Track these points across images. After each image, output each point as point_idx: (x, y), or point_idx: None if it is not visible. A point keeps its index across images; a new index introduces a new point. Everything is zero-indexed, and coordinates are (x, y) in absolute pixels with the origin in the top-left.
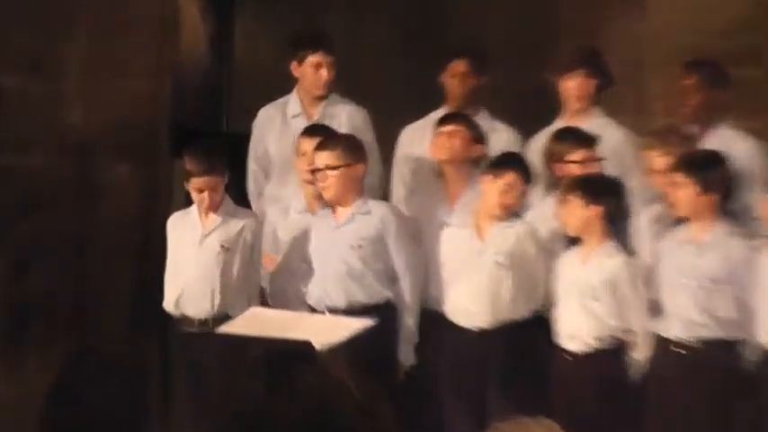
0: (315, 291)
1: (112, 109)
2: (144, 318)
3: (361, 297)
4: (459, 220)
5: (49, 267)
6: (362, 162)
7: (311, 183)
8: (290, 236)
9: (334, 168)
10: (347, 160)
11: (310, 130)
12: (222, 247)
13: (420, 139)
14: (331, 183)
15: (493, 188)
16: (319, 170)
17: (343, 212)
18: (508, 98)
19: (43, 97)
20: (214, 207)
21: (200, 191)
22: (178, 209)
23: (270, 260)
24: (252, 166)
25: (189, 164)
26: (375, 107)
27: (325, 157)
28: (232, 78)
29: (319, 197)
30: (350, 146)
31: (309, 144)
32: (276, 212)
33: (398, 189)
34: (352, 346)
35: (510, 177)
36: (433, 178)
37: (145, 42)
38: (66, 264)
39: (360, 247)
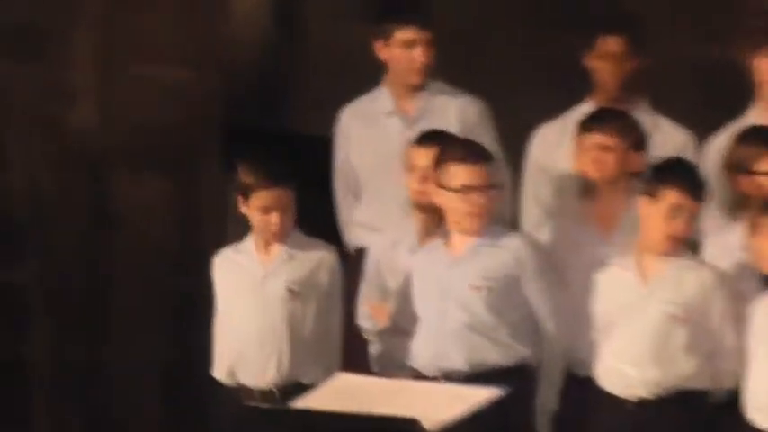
0: (423, 349)
1: (137, 107)
2: (180, 393)
3: (489, 357)
4: (618, 256)
5: (46, 327)
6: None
7: (424, 208)
8: (402, 283)
9: (488, 188)
10: (493, 178)
11: (427, 138)
12: (290, 291)
13: (558, 144)
14: (484, 207)
15: (653, 213)
16: (473, 188)
17: (462, 243)
18: (675, 85)
19: (41, 91)
20: (284, 234)
21: (267, 211)
22: (230, 242)
23: (379, 311)
24: (337, 184)
25: (249, 174)
26: (491, 100)
27: (478, 173)
28: (303, 64)
29: (437, 228)
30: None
31: (424, 156)
32: (379, 247)
33: (531, 212)
34: (474, 423)
35: (673, 196)
36: (578, 197)
37: (181, 18)
38: (72, 320)
39: (486, 289)
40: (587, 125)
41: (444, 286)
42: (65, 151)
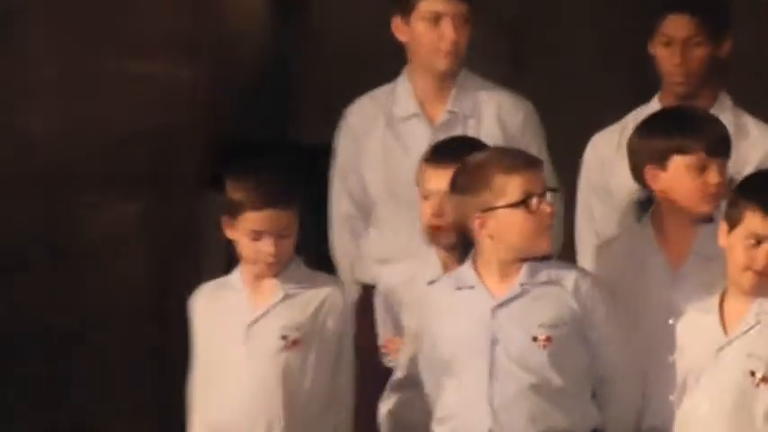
0: (464, 414)
1: (103, 112)
2: None
3: (560, 424)
4: (695, 298)
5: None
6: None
7: (441, 244)
8: (422, 321)
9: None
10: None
11: (445, 152)
12: (285, 338)
13: (616, 155)
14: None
15: (734, 244)
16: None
17: (503, 279)
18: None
19: None
20: (279, 266)
21: (258, 236)
22: (209, 277)
23: (394, 345)
24: (340, 206)
25: (238, 189)
26: (539, 102)
27: (539, 180)
28: (309, 63)
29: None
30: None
31: (437, 179)
32: (392, 279)
33: (585, 235)
34: None
35: (756, 221)
36: (640, 220)
37: (160, 3)
38: (29, 370)
39: (545, 340)
40: (650, 123)
41: (488, 334)
42: (14, 167)
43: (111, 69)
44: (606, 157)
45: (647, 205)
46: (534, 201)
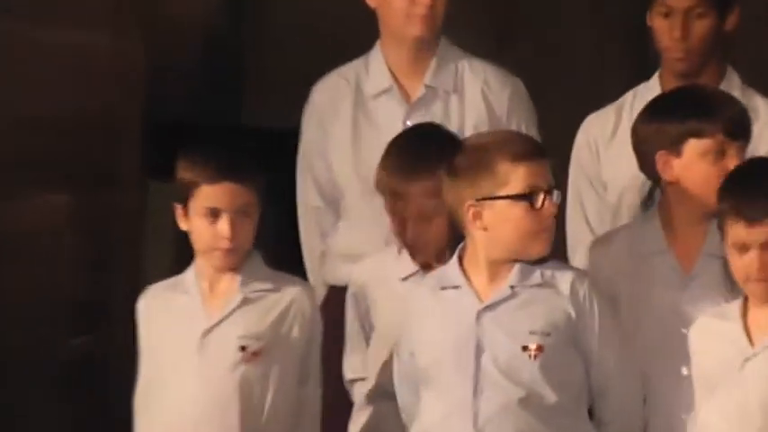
0: (444, 431)
1: (24, 92)
2: None
3: None
4: (708, 301)
5: None
6: None
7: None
8: (395, 323)
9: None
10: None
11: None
12: (244, 350)
13: (612, 138)
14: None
15: (729, 253)
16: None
17: (493, 280)
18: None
19: None
20: (238, 256)
21: (214, 215)
22: (161, 277)
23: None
24: (307, 197)
25: (193, 168)
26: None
27: (546, 174)
28: (262, 39)
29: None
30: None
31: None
32: (362, 274)
33: (577, 231)
34: None
35: (739, 230)
36: (643, 213)
37: None
38: None
39: (536, 350)
40: (654, 108)
41: (473, 342)
42: None
43: (28, 38)
44: (600, 141)
45: (650, 198)
46: (540, 197)
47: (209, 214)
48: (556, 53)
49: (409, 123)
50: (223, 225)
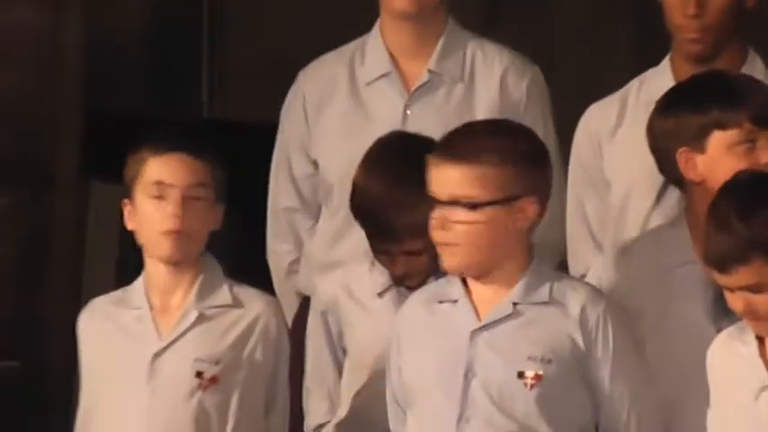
0: None
1: None
2: None
3: None
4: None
5: None
6: (538, 191)
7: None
8: (372, 345)
9: (474, 207)
10: (508, 190)
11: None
12: (200, 375)
13: (616, 132)
14: (465, 238)
15: (727, 284)
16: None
17: (490, 294)
18: None
19: None
20: (189, 245)
21: (162, 193)
22: (105, 291)
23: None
24: (280, 197)
25: (141, 150)
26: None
27: (457, 182)
28: (223, 16)
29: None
30: (520, 154)
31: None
32: (334, 285)
33: (579, 239)
34: None
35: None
36: (653, 214)
37: None
38: None
39: (534, 378)
40: (672, 96)
41: (467, 368)
42: None
43: None
44: (602, 134)
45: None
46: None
47: (156, 193)
48: (554, 36)
49: (409, 113)
50: (171, 202)
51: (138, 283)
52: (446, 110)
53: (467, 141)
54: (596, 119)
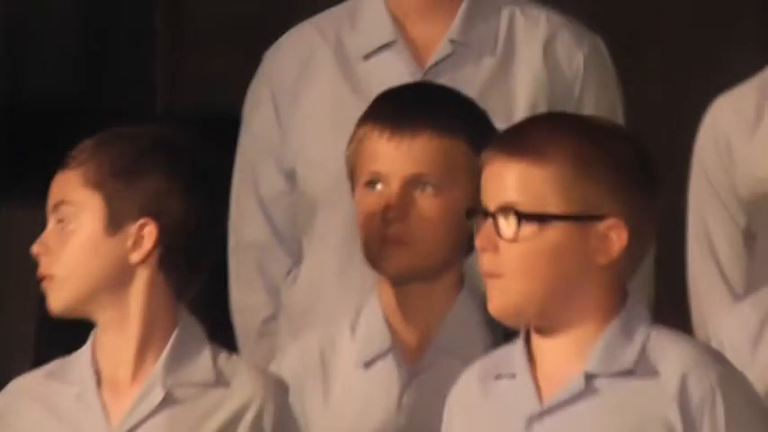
0: None
1: None
2: None
3: None
4: None
5: None
6: (630, 216)
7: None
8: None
9: (539, 219)
10: (590, 203)
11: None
12: None
13: (756, 131)
14: (522, 264)
15: None
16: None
17: (561, 363)
18: None
19: None
20: (61, 290)
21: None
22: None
23: None
24: (243, 227)
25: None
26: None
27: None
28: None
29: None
30: (619, 161)
31: (389, 159)
32: (301, 356)
33: (704, 280)
34: None
35: None
36: None
37: None
38: None
39: None
40: None
41: None
42: None
43: None
44: (734, 134)
45: None
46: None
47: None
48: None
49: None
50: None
51: (85, 349)
52: (473, 93)
53: (536, 132)
54: (729, 115)
